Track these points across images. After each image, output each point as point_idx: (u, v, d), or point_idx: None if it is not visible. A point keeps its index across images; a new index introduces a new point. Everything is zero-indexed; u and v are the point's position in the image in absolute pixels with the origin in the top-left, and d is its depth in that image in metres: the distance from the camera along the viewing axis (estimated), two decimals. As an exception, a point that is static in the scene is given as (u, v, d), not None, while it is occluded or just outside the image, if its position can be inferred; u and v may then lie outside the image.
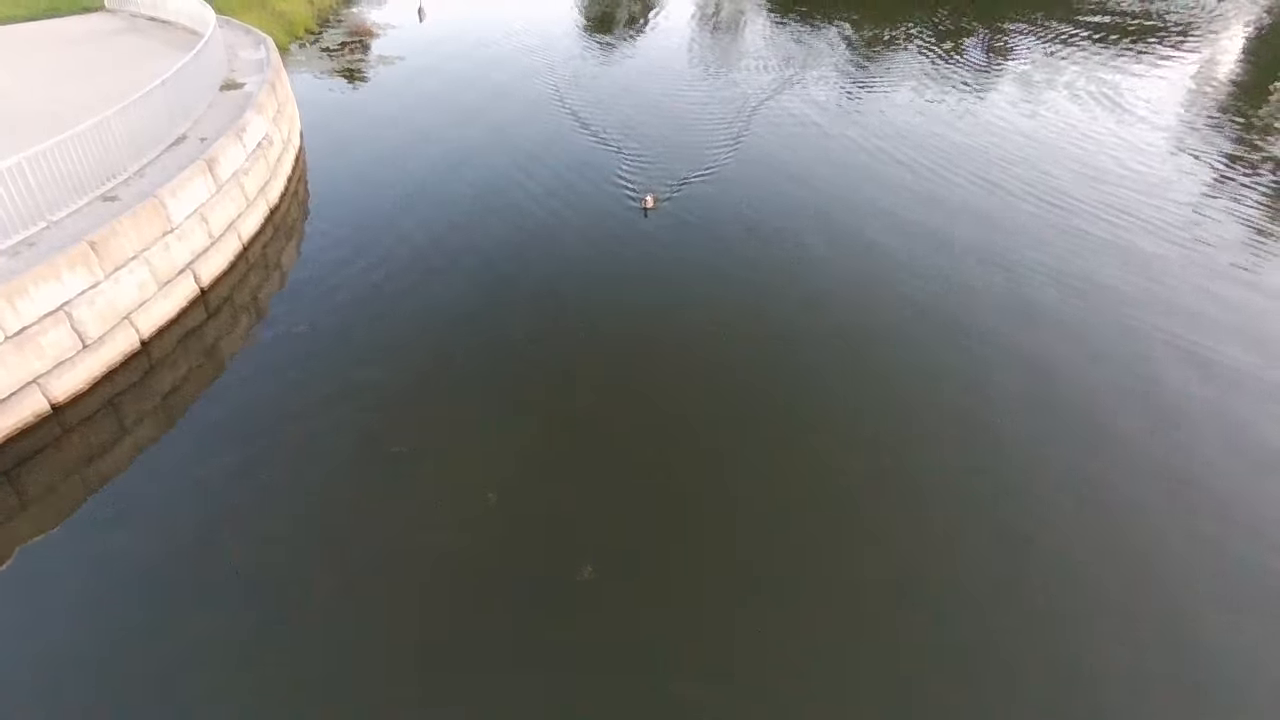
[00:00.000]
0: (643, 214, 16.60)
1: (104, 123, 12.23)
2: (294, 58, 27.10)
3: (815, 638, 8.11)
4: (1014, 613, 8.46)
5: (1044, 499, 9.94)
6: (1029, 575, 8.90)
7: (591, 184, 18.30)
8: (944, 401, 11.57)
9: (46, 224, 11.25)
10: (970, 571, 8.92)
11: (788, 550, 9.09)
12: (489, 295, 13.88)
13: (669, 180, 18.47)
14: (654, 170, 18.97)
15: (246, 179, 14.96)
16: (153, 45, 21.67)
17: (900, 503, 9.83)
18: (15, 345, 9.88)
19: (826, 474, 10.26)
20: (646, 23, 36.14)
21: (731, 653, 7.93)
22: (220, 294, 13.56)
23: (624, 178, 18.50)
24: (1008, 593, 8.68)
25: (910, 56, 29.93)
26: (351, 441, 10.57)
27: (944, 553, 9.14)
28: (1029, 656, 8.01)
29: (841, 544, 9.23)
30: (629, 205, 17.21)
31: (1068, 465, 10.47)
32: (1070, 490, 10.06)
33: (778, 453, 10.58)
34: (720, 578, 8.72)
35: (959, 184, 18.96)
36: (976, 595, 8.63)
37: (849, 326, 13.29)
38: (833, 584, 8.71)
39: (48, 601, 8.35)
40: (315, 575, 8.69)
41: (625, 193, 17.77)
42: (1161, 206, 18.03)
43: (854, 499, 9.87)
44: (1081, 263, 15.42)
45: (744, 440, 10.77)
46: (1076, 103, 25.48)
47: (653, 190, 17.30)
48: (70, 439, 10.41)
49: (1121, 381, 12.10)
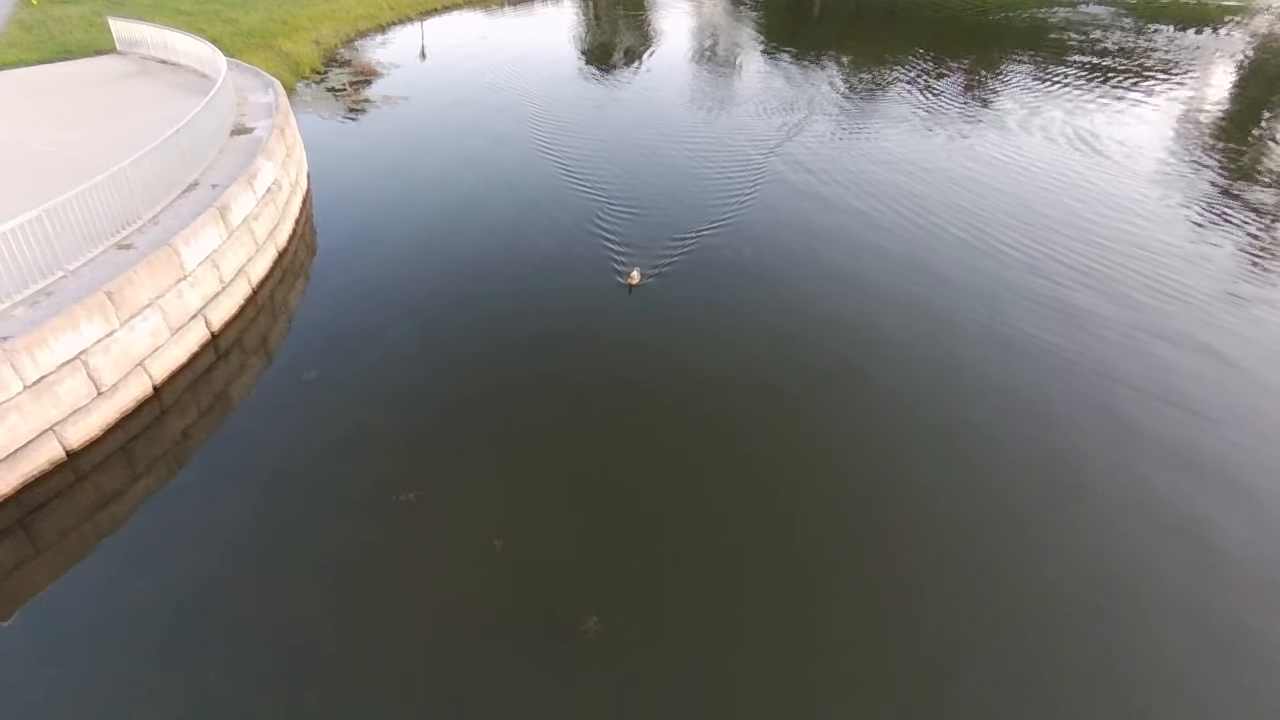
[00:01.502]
0: (627, 291, 15.75)
1: (120, 173, 12.56)
2: (300, 97, 27.64)
3: (822, 695, 8.29)
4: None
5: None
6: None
7: (590, 233, 18.56)
8: (948, 454, 11.83)
9: (64, 273, 11.55)
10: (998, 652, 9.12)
11: (792, 606, 9.29)
12: (494, 341, 14.17)
13: (662, 242, 17.79)
14: (646, 228, 18.58)
15: (256, 224, 15.31)
16: (162, 89, 22.15)
17: (910, 557, 10.05)
18: (33, 394, 10.13)
19: (833, 529, 10.49)
20: (643, 60, 36.78)
21: (735, 710, 8.10)
22: (230, 338, 13.84)
23: (616, 235, 18.36)
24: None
25: (907, 102, 30.22)
26: (359, 488, 10.78)
27: (953, 622, 9.32)
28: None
29: (850, 601, 9.43)
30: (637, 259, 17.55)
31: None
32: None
33: (788, 507, 10.80)
34: (724, 632, 8.89)
35: (1008, 254, 18.03)
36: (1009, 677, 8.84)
37: (859, 377, 13.62)
38: (840, 640, 8.89)
39: (59, 647, 8.52)
40: (322, 623, 8.87)
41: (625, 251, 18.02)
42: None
43: (863, 555, 10.08)
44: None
45: (754, 493, 11.00)
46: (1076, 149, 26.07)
47: (640, 265, 16.38)
48: (84, 485, 10.63)
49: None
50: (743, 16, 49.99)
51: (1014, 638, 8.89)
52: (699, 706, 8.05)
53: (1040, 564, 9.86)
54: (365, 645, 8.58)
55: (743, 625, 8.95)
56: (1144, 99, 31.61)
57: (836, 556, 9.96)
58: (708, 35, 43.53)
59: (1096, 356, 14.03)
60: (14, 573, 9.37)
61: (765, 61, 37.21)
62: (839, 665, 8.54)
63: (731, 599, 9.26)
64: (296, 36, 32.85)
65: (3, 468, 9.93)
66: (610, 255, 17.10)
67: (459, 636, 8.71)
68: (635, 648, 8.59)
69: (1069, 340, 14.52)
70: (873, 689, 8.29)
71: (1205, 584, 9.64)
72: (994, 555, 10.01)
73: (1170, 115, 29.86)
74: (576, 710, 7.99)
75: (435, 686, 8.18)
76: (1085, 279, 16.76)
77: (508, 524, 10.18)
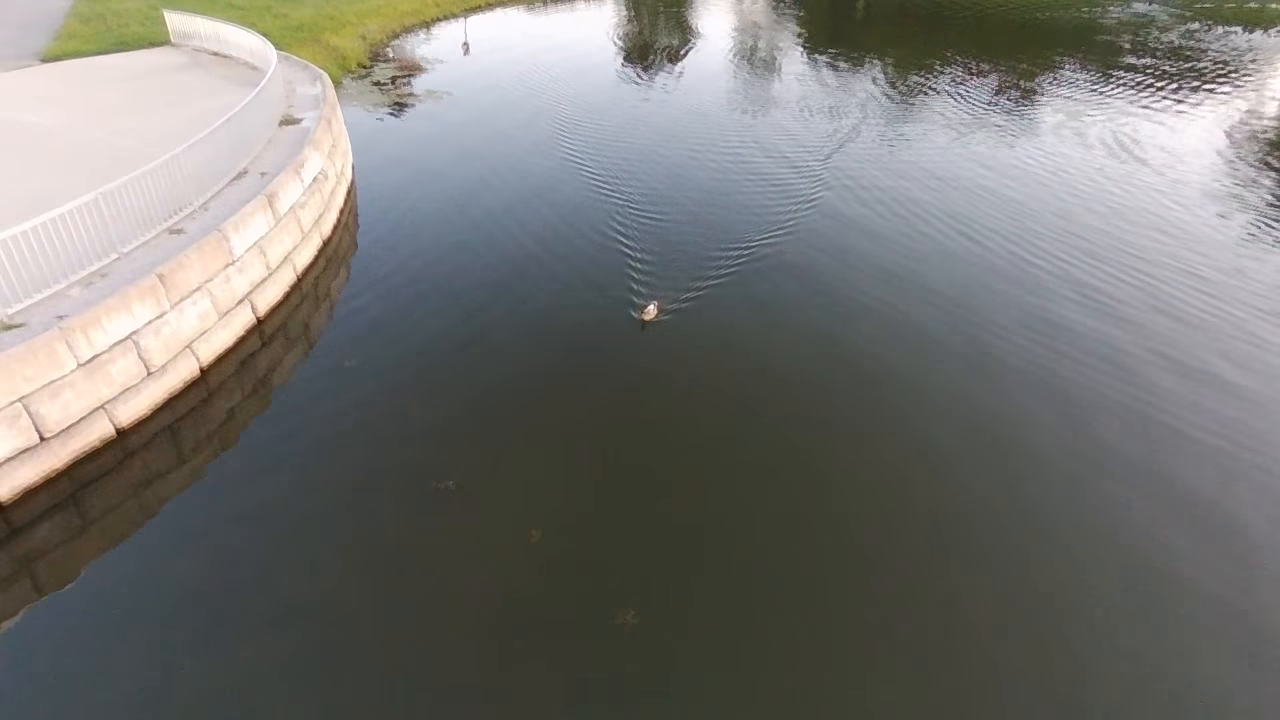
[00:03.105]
0: (640, 326, 14.17)
1: (173, 160, 12.83)
2: (346, 91, 28.03)
3: (863, 692, 8.15)
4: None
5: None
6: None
7: (627, 237, 18.55)
8: (978, 451, 11.60)
9: (118, 255, 11.81)
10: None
11: (832, 606, 9.16)
12: (533, 333, 14.18)
13: (692, 266, 16.75)
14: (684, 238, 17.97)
15: (303, 213, 15.53)
16: (214, 81, 22.60)
17: (945, 544, 9.87)
18: (86, 372, 10.37)
19: (876, 525, 10.33)
20: (682, 61, 36.56)
21: (776, 707, 8.00)
22: (274, 324, 14.05)
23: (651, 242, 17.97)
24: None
25: (955, 109, 29.29)
26: (398, 473, 10.87)
27: (986, 602, 9.14)
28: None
29: (892, 598, 9.28)
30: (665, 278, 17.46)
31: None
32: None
33: (827, 504, 10.68)
34: (762, 632, 8.80)
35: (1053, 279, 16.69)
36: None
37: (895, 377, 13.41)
38: (878, 638, 8.75)
39: (105, 619, 8.70)
40: (360, 606, 8.94)
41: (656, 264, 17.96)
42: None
43: (903, 551, 9.92)
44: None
45: (796, 494, 10.87)
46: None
47: (658, 298, 14.79)
48: (132, 463, 10.85)
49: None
50: (784, 16, 49.62)
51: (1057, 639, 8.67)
52: (738, 703, 7.96)
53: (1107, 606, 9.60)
54: (402, 629, 8.63)
55: (781, 624, 8.83)
56: (1198, 107, 30.67)
57: (877, 559, 9.79)
58: (748, 35, 43.29)
59: (1146, 386, 13.13)
60: (63, 546, 9.59)
61: (807, 64, 36.82)
62: (876, 662, 8.39)
63: (771, 600, 9.14)
64: (343, 31, 33.33)
65: (56, 443, 10.18)
66: (647, 265, 16.83)
67: (496, 624, 8.72)
68: (673, 644, 8.51)
69: (1114, 366, 13.65)
70: (906, 684, 8.13)
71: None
72: (1050, 588, 9.76)
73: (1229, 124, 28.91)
74: (616, 703, 7.95)
75: (472, 673, 8.19)
76: (1133, 302, 15.86)
77: (544, 515, 10.18)
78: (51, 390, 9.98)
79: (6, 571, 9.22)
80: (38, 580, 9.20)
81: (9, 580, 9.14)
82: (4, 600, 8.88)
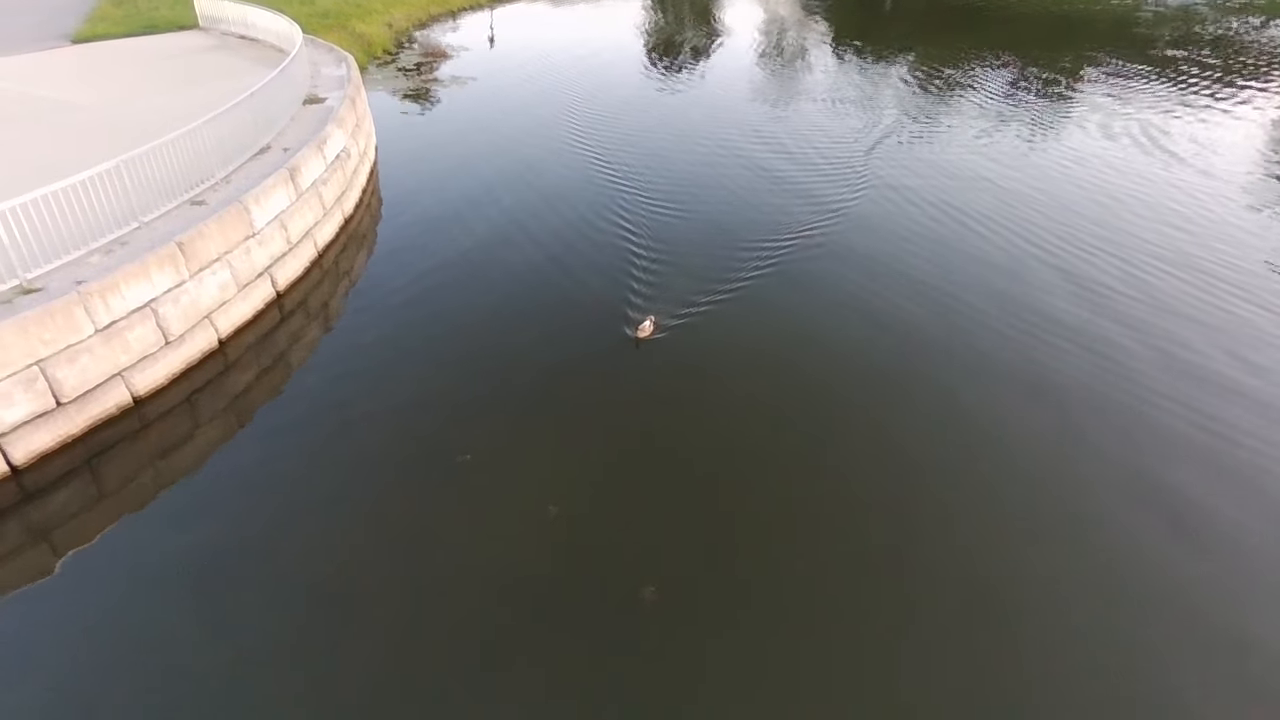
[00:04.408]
0: (634, 345, 12.88)
1: (195, 131, 12.74)
2: (371, 76, 28.02)
3: (888, 667, 7.83)
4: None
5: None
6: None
7: (656, 224, 18.30)
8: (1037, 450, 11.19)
9: (139, 224, 11.71)
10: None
11: (859, 582, 8.84)
12: (553, 313, 13.93)
13: (730, 249, 16.25)
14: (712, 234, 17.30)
15: (324, 189, 15.41)
16: (241, 62, 22.63)
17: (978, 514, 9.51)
18: (104, 338, 10.26)
19: (908, 503, 9.99)
20: (708, 57, 36.08)
21: (798, 687, 7.70)
22: (294, 299, 13.92)
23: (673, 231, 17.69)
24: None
25: (994, 108, 28.35)
26: (413, 447, 10.68)
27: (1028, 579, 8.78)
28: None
29: (921, 573, 8.94)
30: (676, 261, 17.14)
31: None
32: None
33: (853, 481, 10.36)
34: (788, 609, 8.50)
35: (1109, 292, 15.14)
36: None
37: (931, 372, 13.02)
38: (902, 618, 8.42)
39: (119, 589, 8.55)
40: (374, 577, 8.73)
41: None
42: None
43: (936, 527, 9.58)
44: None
45: (820, 476, 10.56)
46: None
47: (654, 315, 13.38)
48: (148, 432, 10.73)
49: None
50: (812, 12, 49.14)
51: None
52: (761, 683, 7.66)
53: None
54: (417, 600, 8.41)
55: (805, 605, 8.51)
56: (1244, 106, 29.80)
57: (903, 541, 9.44)
58: (775, 31, 42.85)
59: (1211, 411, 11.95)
60: (80, 515, 9.47)
61: (834, 60, 36.30)
62: (899, 642, 8.05)
63: (793, 583, 8.82)
64: (370, 19, 33.38)
65: (73, 408, 10.08)
66: (673, 251, 16.44)
67: (514, 598, 8.47)
68: (695, 621, 8.22)
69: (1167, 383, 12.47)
70: (938, 673, 7.79)
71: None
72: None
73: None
74: (637, 678, 7.68)
75: (488, 645, 7.95)
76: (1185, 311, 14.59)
77: (562, 491, 9.92)
78: (69, 354, 9.87)
79: (21, 538, 9.12)
80: (53, 545, 9.07)
81: (23, 546, 9.03)
82: (18, 566, 8.77)
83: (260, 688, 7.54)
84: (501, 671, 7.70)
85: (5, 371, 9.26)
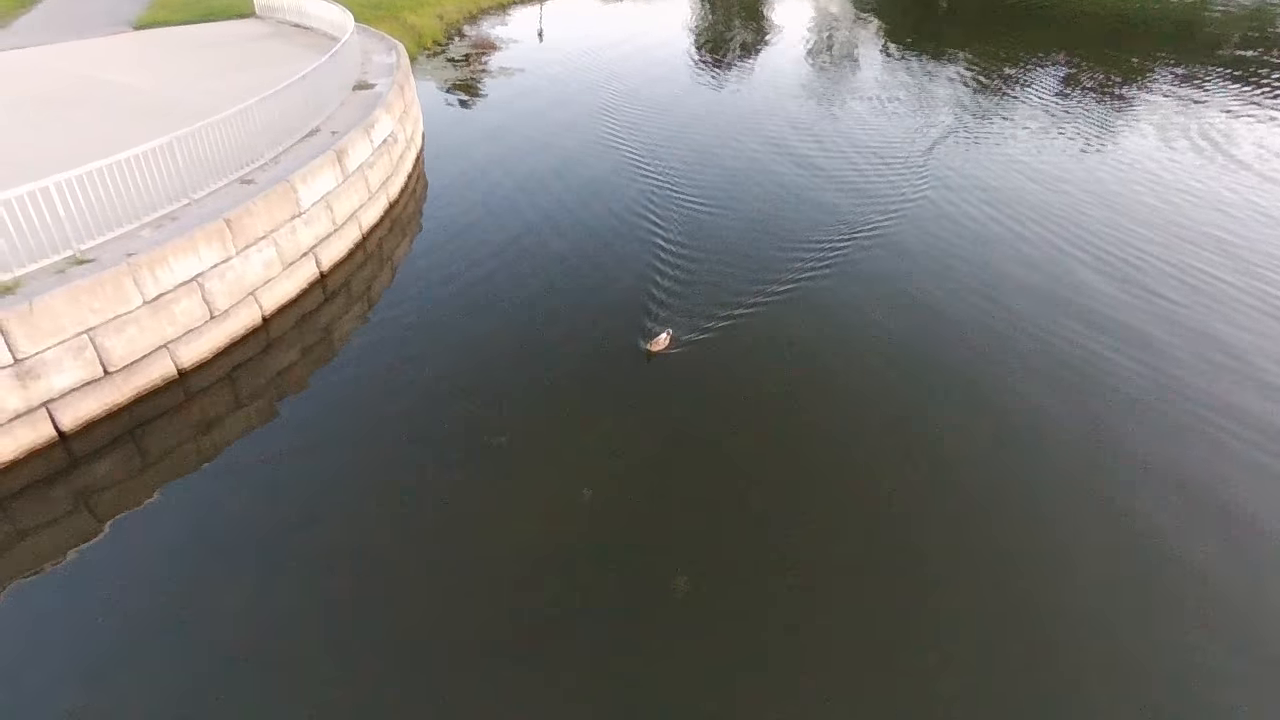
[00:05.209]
0: (645, 359, 12.17)
1: (246, 110, 12.89)
2: (420, 66, 28.26)
3: (921, 668, 7.53)
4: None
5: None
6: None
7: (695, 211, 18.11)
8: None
9: (189, 201, 11.87)
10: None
11: (896, 585, 8.54)
12: (593, 306, 13.77)
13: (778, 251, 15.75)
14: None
15: (371, 172, 15.50)
16: (293, 49, 22.95)
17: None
18: (152, 310, 10.40)
19: (950, 508, 9.64)
20: (757, 56, 35.49)
21: (830, 682, 7.45)
22: (337, 280, 14.02)
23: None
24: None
25: (1059, 114, 27.40)
26: (452, 429, 10.63)
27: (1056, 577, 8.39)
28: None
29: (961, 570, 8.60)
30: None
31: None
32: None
33: (892, 485, 10.04)
34: (820, 611, 8.24)
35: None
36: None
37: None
38: (941, 613, 8.10)
39: (158, 557, 8.64)
40: (405, 554, 8.71)
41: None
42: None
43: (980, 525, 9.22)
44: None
45: (860, 468, 10.31)
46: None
47: (670, 327, 12.67)
48: (191, 405, 10.86)
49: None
50: (864, 11, 48.30)
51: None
52: (791, 676, 7.42)
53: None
54: (446, 578, 8.36)
55: (838, 608, 8.24)
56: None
57: (941, 547, 9.10)
58: (825, 31, 42.13)
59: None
60: (122, 484, 9.60)
61: (887, 60, 35.48)
62: (932, 644, 7.74)
63: (829, 583, 8.56)
64: (421, 10, 33.68)
65: (119, 377, 10.24)
66: (719, 249, 16.20)
67: (546, 580, 8.36)
68: (726, 614, 8.02)
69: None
70: (972, 676, 7.47)
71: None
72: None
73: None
74: (668, 668, 7.50)
75: (520, 629, 7.84)
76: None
77: (596, 476, 9.78)
78: (117, 325, 10.03)
79: (68, 502, 9.28)
80: (96, 513, 9.20)
81: (69, 512, 9.17)
82: (63, 530, 8.92)
83: (292, 656, 7.55)
84: (531, 648, 7.62)
85: (56, 339, 9.44)
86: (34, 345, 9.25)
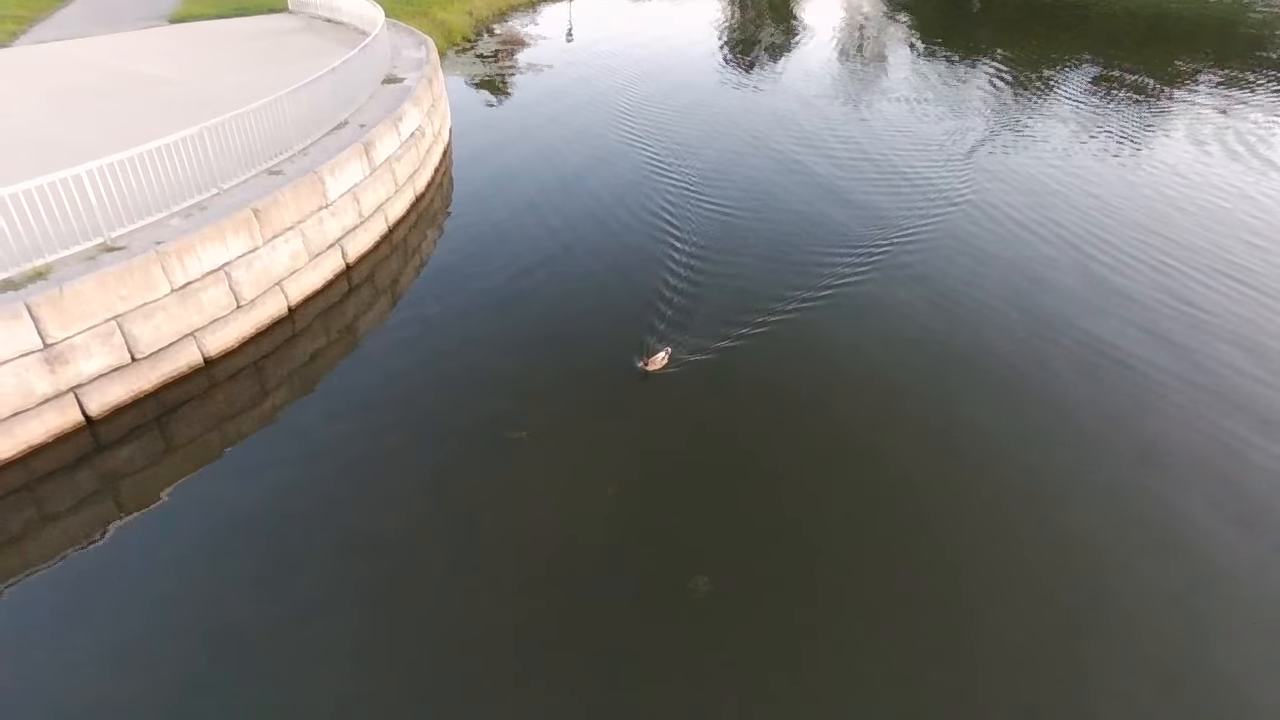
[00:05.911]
0: (642, 376, 11.61)
1: (276, 102, 12.95)
2: (450, 61, 28.37)
3: (953, 679, 7.33)
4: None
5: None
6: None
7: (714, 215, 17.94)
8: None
9: (218, 190, 11.94)
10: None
11: (920, 594, 8.34)
12: (614, 300, 13.66)
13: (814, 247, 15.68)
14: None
15: (398, 165, 15.53)
16: (324, 44, 23.12)
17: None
18: (179, 298, 10.46)
19: (978, 523, 9.42)
20: (786, 57, 35.02)
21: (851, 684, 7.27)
22: (363, 271, 14.05)
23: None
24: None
25: (1108, 112, 26.92)
26: (474, 423, 10.56)
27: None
28: None
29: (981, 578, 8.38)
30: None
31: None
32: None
33: (927, 481, 9.83)
34: (842, 616, 8.07)
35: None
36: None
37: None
38: (963, 618, 7.89)
39: (181, 542, 8.66)
40: (425, 547, 8.65)
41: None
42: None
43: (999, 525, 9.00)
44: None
45: (890, 464, 10.13)
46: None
47: (668, 345, 12.10)
48: (216, 392, 10.91)
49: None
50: (896, 11, 47.78)
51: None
52: (811, 678, 7.26)
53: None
54: (465, 573, 8.28)
55: (861, 616, 8.05)
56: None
57: (961, 536, 8.88)
58: (856, 32, 41.66)
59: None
60: (147, 469, 9.66)
61: (918, 62, 34.96)
62: (974, 647, 7.53)
63: (857, 579, 8.38)
64: (451, 6, 33.84)
65: (146, 364, 10.31)
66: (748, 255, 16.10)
67: (567, 577, 8.27)
68: (746, 615, 7.87)
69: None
70: (997, 688, 7.25)
71: None
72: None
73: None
74: (686, 667, 7.38)
75: (539, 624, 7.75)
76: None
77: (619, 473, 9.68)
78: (145, 312, 10.09)
79: (93, 487, 9.34)
80: (120, 499, 9.26)
81: (94, 496, 9.24)
82: (88, 514, 8.98)
83: (313, 643, 7.52)
84: (548, 641, 7.54)
85: (85, 324, 9.52)
86: (63, 330, 9.33)
